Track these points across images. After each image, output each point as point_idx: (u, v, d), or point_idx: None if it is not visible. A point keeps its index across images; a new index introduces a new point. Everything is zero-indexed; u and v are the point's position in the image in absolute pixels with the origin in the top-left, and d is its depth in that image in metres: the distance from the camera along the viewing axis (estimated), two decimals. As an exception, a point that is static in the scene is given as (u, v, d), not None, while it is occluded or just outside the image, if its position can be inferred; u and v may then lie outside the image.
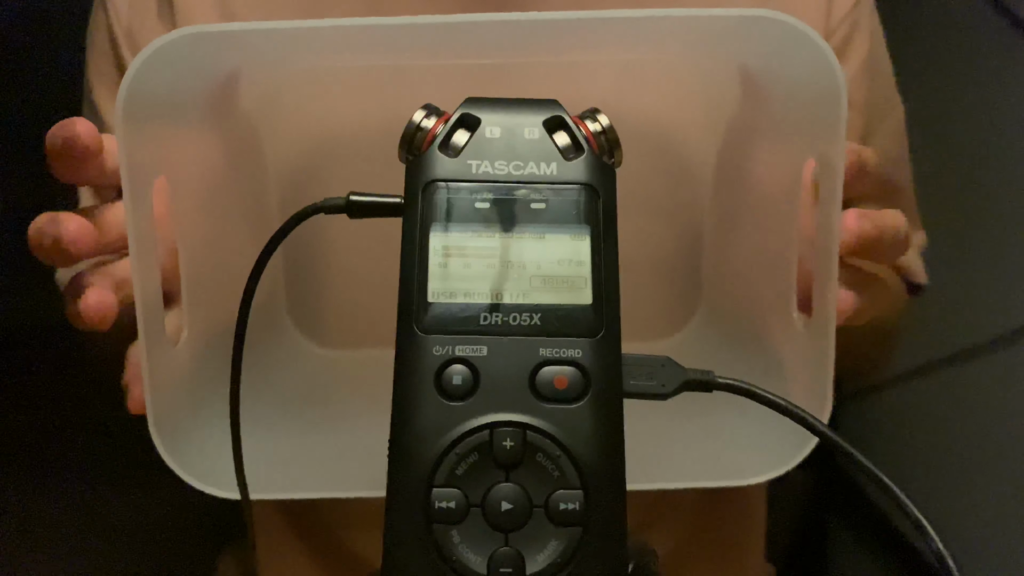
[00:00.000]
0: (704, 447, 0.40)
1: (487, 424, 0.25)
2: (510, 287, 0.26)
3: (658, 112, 0.46)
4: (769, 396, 0.28)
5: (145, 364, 0.33)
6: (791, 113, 0.36)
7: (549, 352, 0.25)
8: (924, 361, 0.85)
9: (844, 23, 0.51)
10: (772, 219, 0.39)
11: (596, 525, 0.24)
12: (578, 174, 0.27)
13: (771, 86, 0.37)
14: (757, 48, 0.35)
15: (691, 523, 0.56)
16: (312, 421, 0.43)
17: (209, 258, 0.38)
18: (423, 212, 0.26)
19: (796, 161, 0.36)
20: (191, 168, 0.37)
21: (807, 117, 0.34)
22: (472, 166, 0.27)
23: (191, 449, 0.35)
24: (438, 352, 0.25)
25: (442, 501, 0.24)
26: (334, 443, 0.40)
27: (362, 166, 0.41)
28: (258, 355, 0.40)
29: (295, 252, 0.47)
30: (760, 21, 0.31)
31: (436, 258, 0.26)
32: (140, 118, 0.31)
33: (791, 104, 0.36)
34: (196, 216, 0.37)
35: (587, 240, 0.26)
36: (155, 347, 0.33)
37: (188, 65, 0.33)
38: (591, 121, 0.28)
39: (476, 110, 0.27)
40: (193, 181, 0.37)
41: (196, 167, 0.37)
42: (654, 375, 0.27)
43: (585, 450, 0.25)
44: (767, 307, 0.40)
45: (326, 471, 0.39)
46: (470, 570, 0.24)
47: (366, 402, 0.33)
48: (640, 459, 0.28)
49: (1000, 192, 0.82)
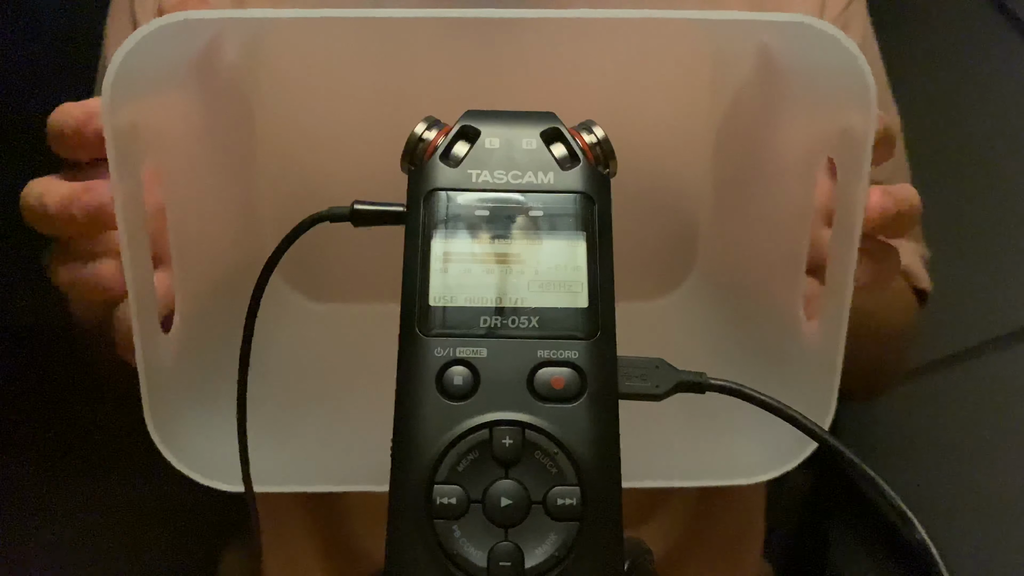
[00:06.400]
0: (703, 446, 0.41)
1: (487, 423, 0.25)
2: (509, 291, 0.27)
3: (662, 78, 0.46)
4: (761, 397, 0.29)
5: (140, 357, 0.33)
6: (811, 87, 0.37)
7: (547, 354, 0.26)
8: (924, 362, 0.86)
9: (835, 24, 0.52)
10: (783, 189, 0.39)
11: (592, 520, 0.25)
12: (574, 183, 0.28)
13: (790, 62, 0.37)
14: (780, 36, 0.36)
15: (687, 522, 0.56)
16: (311, 394, 0.42)
17: (197, 218, 0.38)
18: (425, 219, 0.27)
19: (814, 134, 0.36)
20: (177, 129, 0.37)
21: (829, 91, 0.35)
22: (472, 175, 0.28)
23: (190, 442, 0.36)
24: (439, 354, 0.26)
25: (443, 497, 0.25)
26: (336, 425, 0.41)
27: (349, 116, 0.41)
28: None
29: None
30: (786, 25, 0.32)
31: (437, 263, 0.27)
32: (127, 104, 0.31)
33: (812, 78, 0.36)
34: (183, 176, 0.37)
35: (583, 246, 0.27)
36: (148, 337, 0.33)
37: (174, 46, 0.33)
38: (587, 133, 0.29)
39: (476, 122, 0.28)
40: (179, 142, 0.37)
41: (182, 127, 0.37)
42: (648, 376, 0.28)
43: (582, 448, 0.25)
44: (771, 273, 0.41)
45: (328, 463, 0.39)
46: (471, 564, 0.25)
47: (362, 360, 0.34)
48: (638, 457, 0.29)
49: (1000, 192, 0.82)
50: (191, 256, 0.37)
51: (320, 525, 0.57)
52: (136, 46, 0.30)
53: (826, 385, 0.35)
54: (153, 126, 0.34)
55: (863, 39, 0.54)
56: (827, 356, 0.35)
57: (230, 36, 0.38)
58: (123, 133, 0.31)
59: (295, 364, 0.45)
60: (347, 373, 0.44)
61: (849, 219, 0.33)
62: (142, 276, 0.33)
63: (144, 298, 0.33)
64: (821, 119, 0.36)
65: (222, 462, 0.35)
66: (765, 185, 0.41)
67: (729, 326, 0.45)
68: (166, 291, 0.36)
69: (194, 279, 0.38)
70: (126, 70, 0.30)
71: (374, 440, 0.30)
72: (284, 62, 0.43)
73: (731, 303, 0.45)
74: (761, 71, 0.39)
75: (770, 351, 0.41)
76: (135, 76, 0.31)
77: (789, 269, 0.39)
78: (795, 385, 0.36)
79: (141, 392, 0.33)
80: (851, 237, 0.33)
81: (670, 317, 0.48)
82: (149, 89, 0.33)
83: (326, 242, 0.34)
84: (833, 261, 0.35)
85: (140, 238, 0.33)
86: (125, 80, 0.31)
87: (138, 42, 0.30)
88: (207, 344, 0.39)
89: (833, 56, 0.32)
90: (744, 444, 0.39)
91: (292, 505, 0.57)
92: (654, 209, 0.47)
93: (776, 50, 0.37)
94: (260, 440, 0.33)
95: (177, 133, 0.37)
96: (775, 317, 0.40)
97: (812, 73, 0.36)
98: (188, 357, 0.38)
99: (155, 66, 0.33)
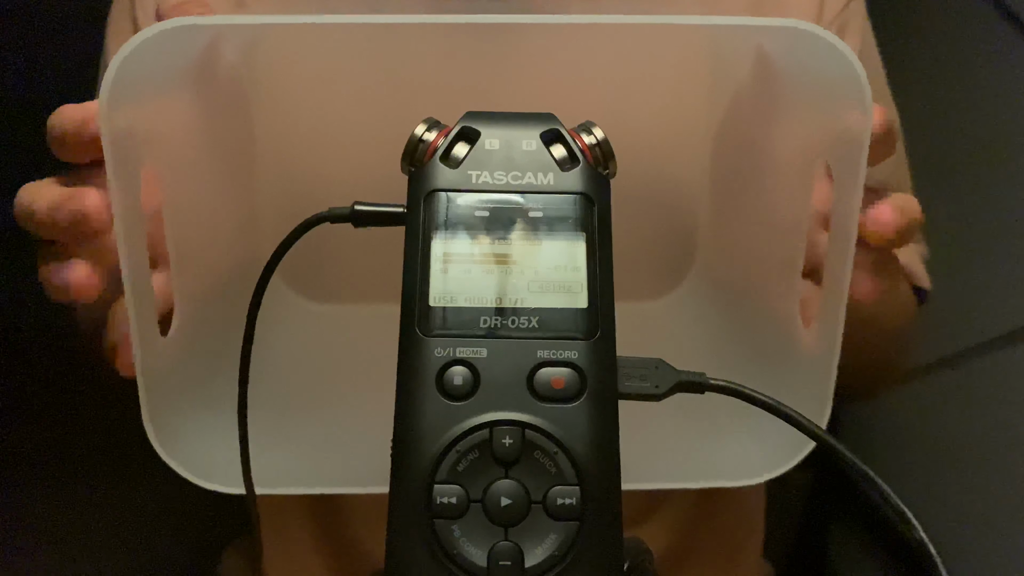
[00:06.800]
0: (701, 446, 0.41)
1: (487, 423, 0.25)
2: (509, 291, 0.27)
3: (660, 81, 0.46)
4: (760, 397, 0.29)
5: (138, 358, 0.33)
6: (808, 91, 0.37)
7: (546, 354, 0.26)
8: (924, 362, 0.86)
9: (833, 24, 0.52)
10: (780, 193, 0.40)
11: (592, 519, 0.25)
12: (574, 184, 0.28)
13: (787, 66, 0.37)
14: (777, 41, 0.36)
15: (687, 522, 0.56)
16: (310, 395, 0.43)
17: (196, 220, 0.38)
18: (425, 220, 0.27)
19: (811, 137, 0.36)
20: (176, 131, 0.37)
21: (825, 94, 0.35)
22: (472, 176, 0.28)
23: (188, 444, 0.36)
24: (439, 354, 0.26)
25: (444, 497, 0.25)
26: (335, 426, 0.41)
27: (348, 117, 0.41)
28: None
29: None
30: (783, 30, 0.32)
31: (437, 264, 0.27)
32: (126, 107, 0.31)
33: (808, 82, 0.36)
34: (182, 179, 0.37)
35: (582, 246, 0.27)
36: (146, 339, 0.33)
37: (173, 50, 0.33)
38: (586, 134, 0.29)
39: (476, 123, 0.28)
40: (178, 144, 0.37)
41: (181, 129, 0.37)
42: (647, 377, 0.28)
43: (581, 447, 0.25)
44: (768, 275, 0.41)
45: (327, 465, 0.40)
46: (471, 563, 0.25)
47: (362, 361, 0.34)
48: (637, 459, 0.29)
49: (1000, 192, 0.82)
50: (190, 258, 0.37)
51: (320, 525, 0.57)
52: (134, 51, 0.31)
53: (823, 385, 0.35)
54: (152, 129, 0.34)
55: (862, 39, 0.54)
56: (824, 357, 0.35)
57: (229, 39, 0.38)
58: (121, 137, 0.31)
59: (295, 365, 0.45)
60: (347, 374, 0.44)
61: (846, 222, 0.34)
62: (139, 279, 0.33)
63: (142, 301, 0.33)
64: (818, 122, 0.36)
65: (221, 464, 0.35)
66: (762, 188, 0.42)
67: (727, 327, 0.45)
68: (164, 292, 0.36)
69: (193, 281, 0.38)
70: (124, 74, 0.30)
71: (374, 441, 0.30)
72: (283, 64, 0.43)
73: (729, 304, 0.46)
74: (759, 74, 0.39)
75: (768, 351, 0.41)
76: (133, 80, 0.31)
77: (786, 271, 0.39)
78: (792, 385, 0.36)
79: (139, 395, 0.34)
80: (847, 240, 0.33)
81: (669, 317, 0.48)
82: (147, 93, 0.33)
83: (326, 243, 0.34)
84: (830, 263, 0.35)
85: (138, 241, 0.33)
86: (123, 85, 0.31)
87: (136, 47, 0.31)
88: (206, 346, 0.39)
89: (829, 60, 0.32)
90: (742, 444, 0.39)
91: (293, 505, 0.57)
92: (653, 210, 0.47)
93: (773, 54, 0.38)
94: (259, 441, 0.33)
95: (176, 136, 0.37)
96: (773, 318, 0.40)
97: (809, 77, 0.36)
98: (186, 359, 0.38)
99: (154, 70, 0.33)
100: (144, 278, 0.34)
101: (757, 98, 0.40)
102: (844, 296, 0.34)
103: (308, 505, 0.57)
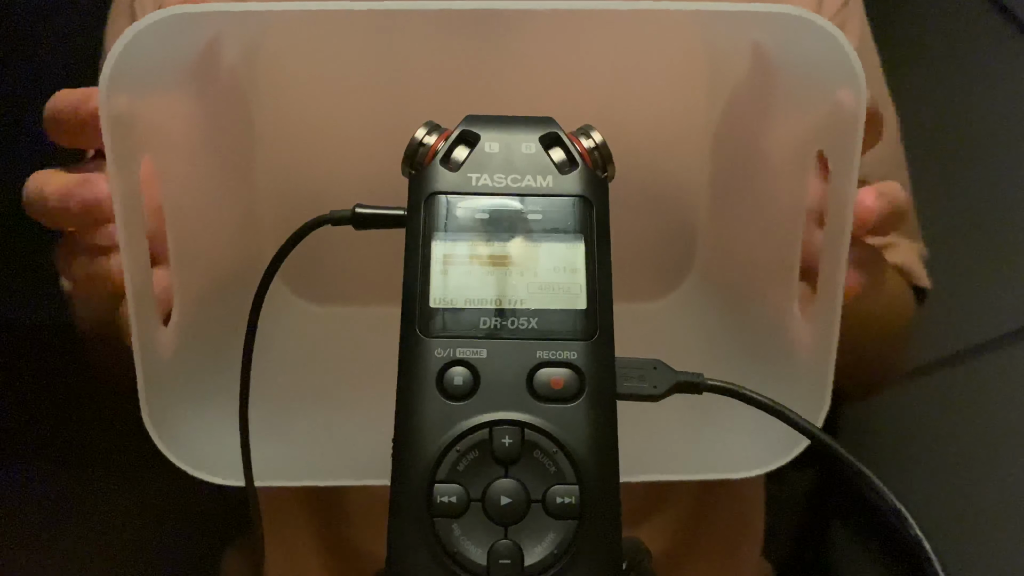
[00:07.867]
0: (699, 441, 0.41)
1: (487, 422, 0.26)
2: (508, 293, 0.27)
3: (658, 78, 0.46)
4: (757, 397, 0.29)
5: (137, 352, 0.33)
6: (803, 80, 0.37)
7: (546, 354, 0.26)
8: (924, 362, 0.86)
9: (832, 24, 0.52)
10: (777, 190, 0.40)
11: (591, 518, 0.25)
12: (573, 186, 0.28)
13: (782, 57, 0.38)
14: (770, 30, 0.36)
15: (686, 521, 0.57)
16: (310, 396, 0.43)
17: (196, 219, 0.38)
18: (425, 222, 0.28)
19: (807, 128, 0.36)
20: (176, 129, 0.37)
21: (819, 82, 0.35)
22: (472, 179, 0.28)
23: (187, 437, 0.36)
24: (440, 355, 0.26)
25: (444, 496, 0.25)
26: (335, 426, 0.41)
27: (349, 119, 0.41)
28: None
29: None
30: (775, 17, 0.33)
31: (437, 266, 0.27)
32: (125, 94, 0.31)
33: (803, 71, 0.37)
34: (182, 177, 0.37)
35: (581, 248, 0.28)
36: (146, 331, 0.33)
37: (172, 41, 0.34)
38: (585, 138, 0.29)
39: (476, 127, 0.29)
40: (178, 142, 0.37)
41: (181, 127, 0.37)
42: (646, 377, 0.28)
43: (580, 447, 0.26)
44: (766, 275, 0.41)
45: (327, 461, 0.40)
46: (471, 561, 0.25)
47: (362, 362, 0.34)
48: (634, 452, 0.29)
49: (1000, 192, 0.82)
50: (189, 257, 0.38)
51: (321, 524, 0.57)
52: (135, 38, 0.31)
53: (820, 385, 0.36)
54: (152, 123, 0.34)
55: (860, 39, 0.54)
56: (821, 356, 0.35)
57: (230, 37, 0.38)
58: (120, 121, 0.31)
59: (295, 366, 0.45)
60: (347, 375, 0.44)
61: (841, 212, 0.34)
62: (140, 269, 0.33)
63: (141, 291, 0.33)
64: (813, 110, 0.36)
65: (220, 458, 0.35)
66: (760, 185, 0.42)
67: (726, 327, 0.45)
68: (165, 289, 0.36)
69: (192, 280, 0.38)
70: (124, 61, 0.31)
71: (373, 440, 0.30)
72: (284, 65, 0.43)
73: (728, 304, 0.46)
74: (756, 69, 0.40)
75: (766, 351, 0.41)
76: (133, 68, 0.31)
77: (783, 270, 0.39)
78: (790, 385, 0.37)
79: (138, 389, 0.34)
80: (843, 231, 0.34)
81: (668, 318, 0.49)
82: (147, 82, 0.33)
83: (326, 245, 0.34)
84: (826, 259, 0.35)
85: (137, 229, 0.33)
86: (123, 71, 0.31)
87: (136, 34, 0.31)
88: (206, 344, 0.39)
89: (821, 45, 0.32)
90: (739, 440, 0.40)
91: (293, 504, 0.57)
92: (652, 210, 0.48)
93: (769, 47, 0.38)
94: (259, 442, 0.33)
95: (176, 133, 0.37)
96: (771, 318, 0.41)
97: (803, 66, 0.36)
98: (186, 355, 0.38)
99: (154, 59, 0.33)
100: (144, 267, 0.34)
101: (755, 93, 0.41)
102: (840, 292, 0.34)
103: (308, 506, 0.57)
